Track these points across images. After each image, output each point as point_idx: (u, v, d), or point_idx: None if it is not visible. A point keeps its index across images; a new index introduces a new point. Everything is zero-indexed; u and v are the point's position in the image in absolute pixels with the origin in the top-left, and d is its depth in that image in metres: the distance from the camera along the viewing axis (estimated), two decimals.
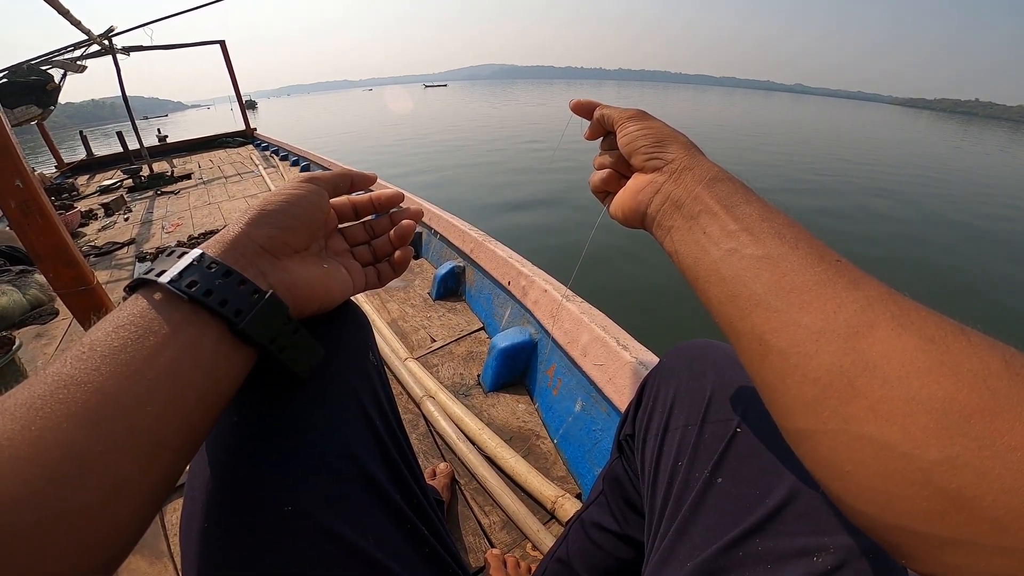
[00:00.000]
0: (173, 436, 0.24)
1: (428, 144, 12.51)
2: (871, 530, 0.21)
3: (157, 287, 0.27)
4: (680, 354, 0.49)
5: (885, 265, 4.65)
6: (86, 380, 0.22)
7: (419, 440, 1.10)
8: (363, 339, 0.42)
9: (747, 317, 0.27)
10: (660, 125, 0.38)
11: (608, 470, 0.58)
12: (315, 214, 0.36)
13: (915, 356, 0.20)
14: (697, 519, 0.37)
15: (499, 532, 0.89)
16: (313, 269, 0.35)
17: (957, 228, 6.31)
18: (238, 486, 0.30)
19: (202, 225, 3.14)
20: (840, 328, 0.22)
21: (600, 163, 0.43)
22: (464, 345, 1.46)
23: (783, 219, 0.29)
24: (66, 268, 1.17)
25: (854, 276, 0.24)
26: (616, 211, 0.40)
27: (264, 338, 0.29)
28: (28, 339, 1.77)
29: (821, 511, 0.32)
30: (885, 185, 8.92)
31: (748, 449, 0.38)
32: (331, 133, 19.50)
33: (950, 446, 0.17)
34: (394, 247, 0.43)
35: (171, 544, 0.89)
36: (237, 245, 0.31)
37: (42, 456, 0.19)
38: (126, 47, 5.50)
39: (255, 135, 7.52)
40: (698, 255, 0.31)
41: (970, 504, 0.17)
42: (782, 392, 0.24)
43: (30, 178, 1.07)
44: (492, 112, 24.79)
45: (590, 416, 1.00)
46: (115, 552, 0.22)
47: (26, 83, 4.02)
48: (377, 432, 0.38)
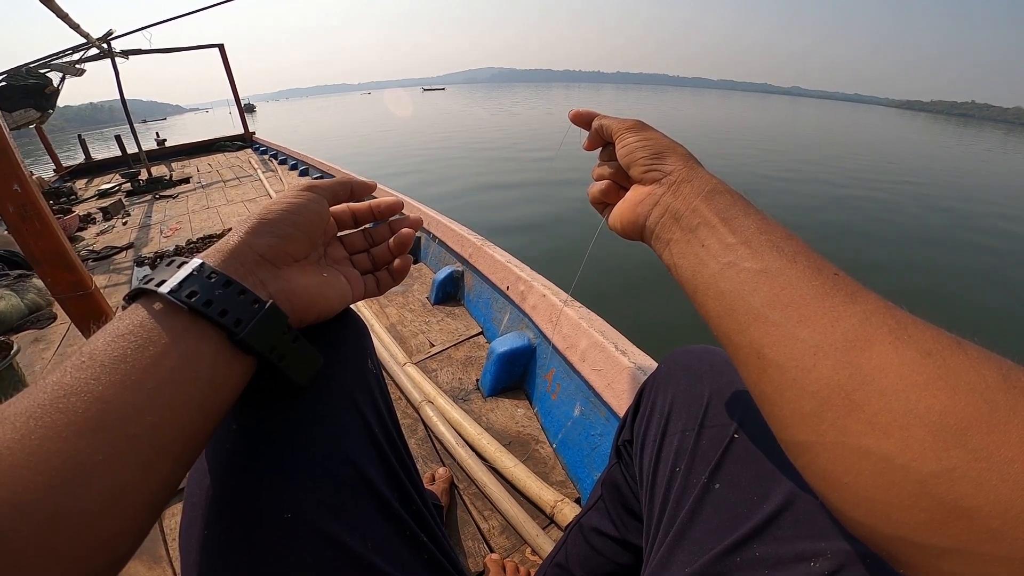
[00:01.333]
0: (173, 444, 0.25)
1: (419, 150, 12.47)
2: (869, 540, 0.21)
3: (157, 297, 0.27)
4: (678, 359, 0.49)
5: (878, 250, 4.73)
6: (86, 389, 0.22)
7: (418, 445, 1.10)
8: (362, 346, 0.42)
9: (745, 331, 0.27)
10: (659, 136, 0.38)
11: (607, 475, 0.58)
12: (315, 223, 0.36)
13: (913, 369, 0.20)
14: (695, 524, 0.37)
15: (498, 537, 0.89)
16: (312, 278, 0.35)
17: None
18: (238, 493, 0.30)
19: (200, 229, 3.14)
20: (838, 342, 0.22)
21: (599, 174, 0.43)
22: (463, 350, 1.46)
23: (781, 232, 0.29)
24: (64, 272, 1.17)
25: (852, 289, 0.24)
26: (615, 223, 0.40)
27: (264, 347, 0.29)
28: (26, 343, 1.76)
29: (819, 516, 0.32)
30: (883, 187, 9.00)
31: (745, 455, 0.38)
32: (331, 137, 19.49)
33: (947, 458, 0.18)
34: (393, 255, 0.44)
35: (170, 549, 0.89)
36: (237, 254, 0.31)
37: (42, 464, 0.20)
38: (125, 50, 5.51)
39: (254, 139, 7.53)
40: (696, 268, 0.31)
41: (968, 515, 0.17)
42: (780, 405, 0.24)
43: (28, 182, 1.07)
44: (493, 118, 24.79)
45: (589, 421, 1.00)
46: (116, 558, 0.22)
47: (25, 86, 4.02)
48: (376, 438, 0.38)
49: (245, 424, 0.33)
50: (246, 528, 0.29)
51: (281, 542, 0.29)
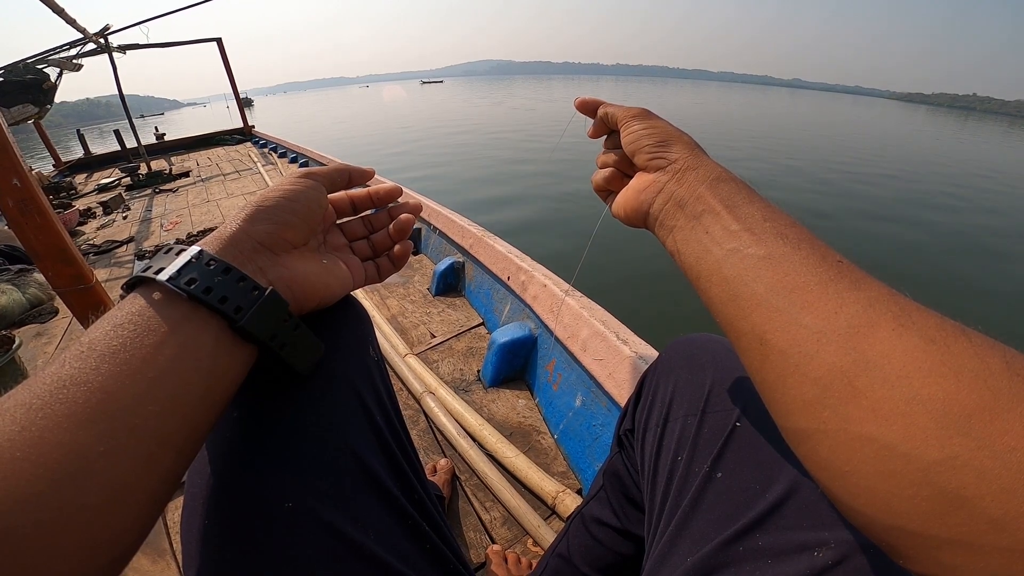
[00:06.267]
0: (175, 434, 0.24)
1: (412, 143, 12.34)
2: (869, 530, 0.21)
3: (156, 285, 0.27)
4: (679, 348, 0.49)
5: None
6: (86, 380, 0.22)
7: (419, 436, 1.10)
8: (363, 334, 0.42)
9: (748, 317, 0.26)
10: (664, 124, 0.38)
11: (608, 465, 0.58)
12: (313, 209, 0.36)
13: (916, 356, 0.20)
14: (697, 514, 0.37)
15: (500, 528, 0.89)
16: (312, 265, 0.35)
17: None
18: (239, 483, 0.30)
19: (201, 223, 3.13)
20: (841, 328, 0.22)
21: (603, 162, 0.43)
22: (464, 341, 1.46)
23: (786, 219, 0.29)
24: (65, 266, 1.17)
25: (855, 277, 0.24)
26: (618, 210, 0.40)
27: (264, 335, 0.29)
28: (28, 338, 1.77)
29: (821, 506, 0.32)
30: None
31: (747, 443, 0.38)
32: (330, 129, 19.36)
33: (950, 446, 0.17)
34: (393, 241, 0.43)
35: (173, 542, 0.89)
36: (235, 242, 0.30)
37: (43, 457, 0.19)
38: (122, 45, 5.48)
39: (253, 132, 7.50)
40: (700, 255, 0.31)
41: (969, 504, 0.17)
42: (782, 392, 0.24)
43: (28, 177, 1.07)
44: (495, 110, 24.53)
45: (590, 411, 1.00)
46: (121, 552, 0.22)
47: (22, 82, 4.00)
48: (378, 428, 0.38)
49: (246, 413, 0.32)
50: (247, 518, 0.29)
51: (282, 531, 0.29)
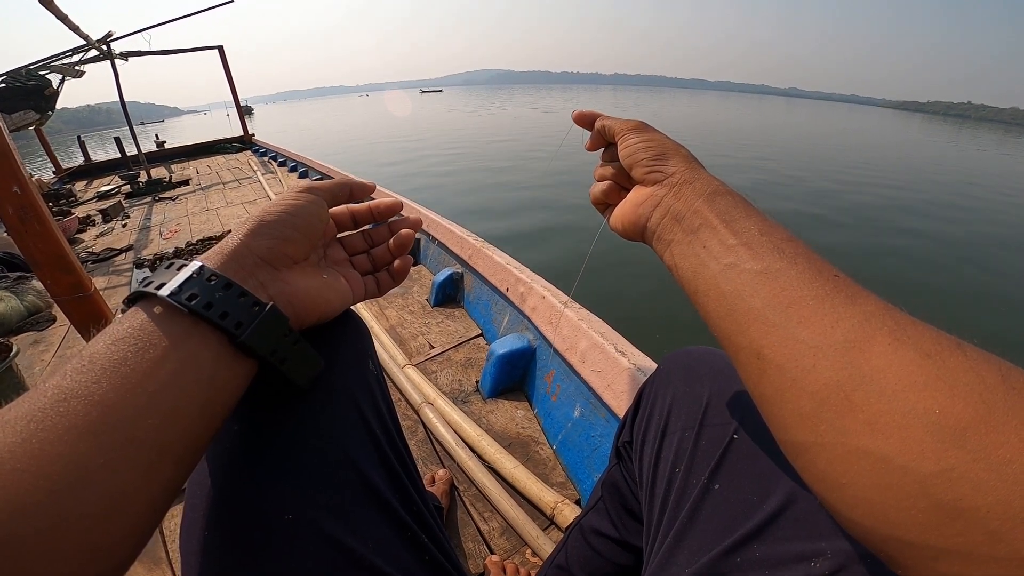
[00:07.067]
0: (174, 447, 0.25)
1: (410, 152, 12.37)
2: (867, 541, 0.21)
3: (157, 300, 0.27)
4: (677, 360, 0.49)
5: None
6: (87, 393, 0.22)
7: (418, 447, 1.10)
8: (363, 348, 0.42)
9: (745, 331, 0.27)
10: (661, 138, 0.38)
11: (607, 476, 0.58)
12: (314, 224, 0.36)
13: (912, 370, 0.20)
14: (695, 525, 0.37)
15: (498, 538, 0.89)
16: (312, 280, 0.35)
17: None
18: (239, 495, 0.30)
19: (200, 231, 3.13)
20: (837, 343, 0.22)
21: (601, 175, 0.43)
22: (463, 351, 1.46)
23: (783, 233, 0.29)
24: (64, 274, 1.16)
25: (852, 291, 0.24)
26: (616, 223, 0.40)
27: (264, 350, 0.29)
28: (25, 345, 1.76)
29: (818, 516, 0.32)
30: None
31: (745, 455, 0.38)
32: (332, 141, 19.43)
33: (946, 459, 0.18)
34: (393, 256, 0.44)
35: (169, 550, 0.88)
36: (236, 257, 0.31)
37: (43, 468, 0.20)
38: (124, 52, 5.50)
39: (253, 140, 7.52)
40: (697, 269, 0.31)
41: (966, 515, 0.17)
42: (780, 406, 0.24)
43: (28, 184, 1.07)
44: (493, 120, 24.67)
45: (589, 422, 1.00)
46: (119, 561, 0.22)
47: (24, 88, 4.02)
48: (377, 440, 0.38)
49: (246, 425, 0.33)
50: (247, 529, 0.29)
51: (282, 543, 0.29)
